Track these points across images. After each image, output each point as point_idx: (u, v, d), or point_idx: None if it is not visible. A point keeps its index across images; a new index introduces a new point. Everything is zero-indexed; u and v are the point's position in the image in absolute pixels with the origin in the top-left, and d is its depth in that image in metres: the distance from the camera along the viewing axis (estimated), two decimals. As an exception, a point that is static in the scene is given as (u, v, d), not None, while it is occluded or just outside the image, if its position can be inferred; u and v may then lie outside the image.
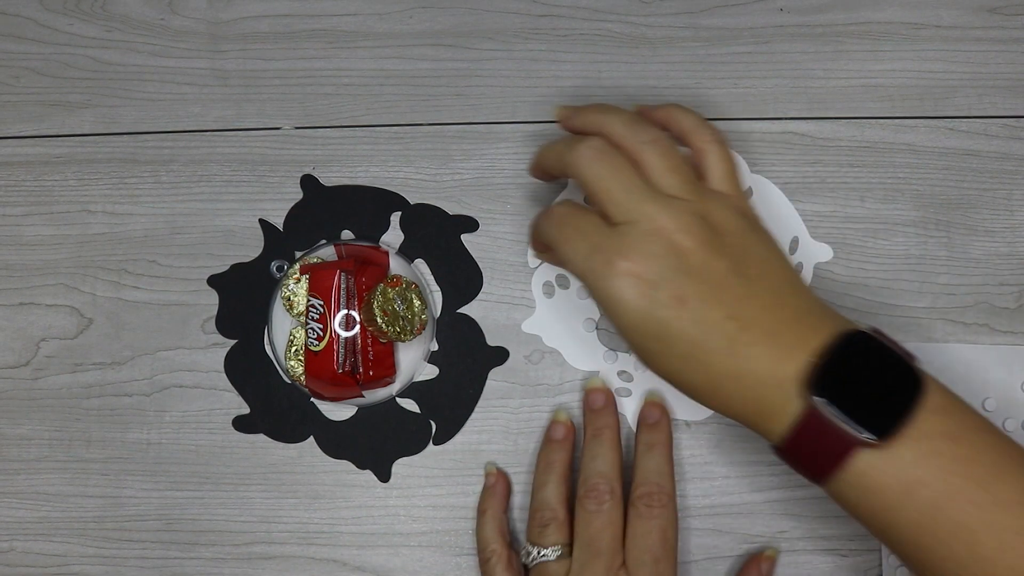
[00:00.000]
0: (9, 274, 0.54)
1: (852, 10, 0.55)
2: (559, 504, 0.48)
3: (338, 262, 0.52)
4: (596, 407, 0.50)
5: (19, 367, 0.53)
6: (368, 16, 0.56)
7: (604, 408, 0.50)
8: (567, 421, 0.51)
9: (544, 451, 0.50)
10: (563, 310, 0.53)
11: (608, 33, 0.55)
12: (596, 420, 0.50)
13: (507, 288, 0.53)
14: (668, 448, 0.49)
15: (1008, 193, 0.53)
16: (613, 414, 0.50)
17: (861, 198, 0.53)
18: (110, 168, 0.55)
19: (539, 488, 0.49)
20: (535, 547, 0.47)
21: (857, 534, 0.51)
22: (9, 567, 0.52)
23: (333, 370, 0.50)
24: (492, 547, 0.49)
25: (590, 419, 0.50)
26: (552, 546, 0.47)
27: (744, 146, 0.54)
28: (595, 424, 0.50)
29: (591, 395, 0.51)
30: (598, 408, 0.50)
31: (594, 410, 0.50)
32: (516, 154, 0.54)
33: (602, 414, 0.50)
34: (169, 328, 0.53)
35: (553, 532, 0.47)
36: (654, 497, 0.47)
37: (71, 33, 0.56)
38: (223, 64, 0.56)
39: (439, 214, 0.54)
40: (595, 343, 0.52)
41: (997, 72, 0.54)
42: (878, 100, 0.54)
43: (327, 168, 0.54)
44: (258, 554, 0.52)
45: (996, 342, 0.52)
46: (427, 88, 0.55)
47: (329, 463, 0.52)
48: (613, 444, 0.49)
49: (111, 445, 0.53)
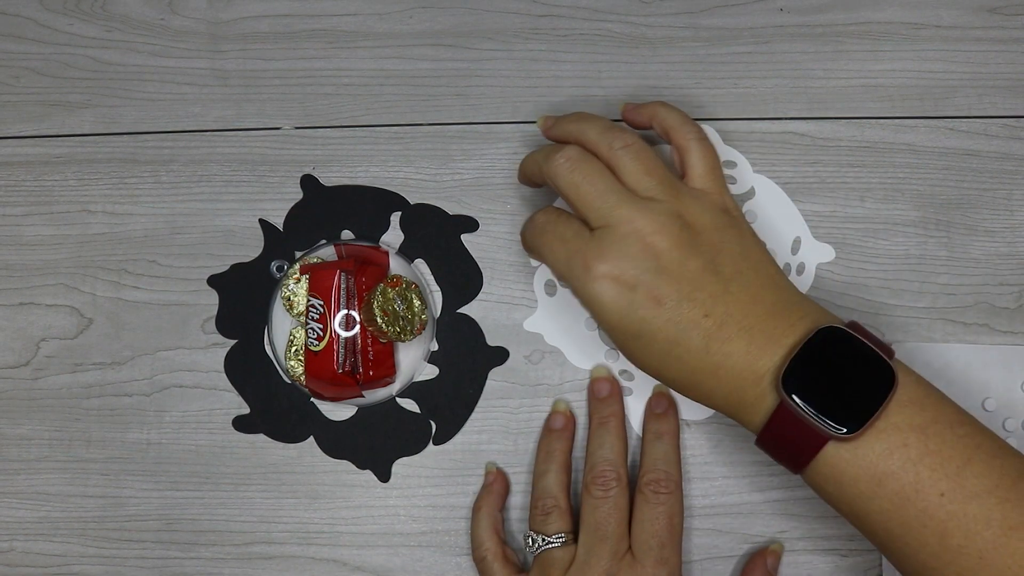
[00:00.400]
0: (9, 274, 0.54)
1: (852, 10, 0.55)
2: (560, 492, 0.49)
3: (338, 262, 0.52)
4: (601, 395, 0.51)
5: (19, 367, 0.53)
6: (368, 16, 0.56)
7: (609, 396, 0.50)
8: (567, 411, 0.51)
9: (544, 440, 0.51)
10: (565, 309, 0.53)
11: (608, 33, 0.55)
12: (602, 408, 0.50)
13: (507, 288, 0.53)
14: (675, 437, 0.50)
15: (1008, 193, 0.53)
16: (619, 402, 0.50)
17: (861, 198, 0.53)
18: (110, 168, 0.55)
19: (540, 477, 0.49)
20: (539, 535, 0.48)
21: (857, 534, 0.51)
22: (9, 567, 0.52)
23: (333, 370, 0.50)
24: (486, 545, 0.49)
25: (596, 407, 0.50)
26: (556, 534, 0.47)
27: (744, 146, 0.54)
28: (601, 412, 0.50)
29: (596, 383, 0.51)
30: (603, 396, 0.51)
31: (599, 398, 0.51)
32: (516, 154, 0.54)
33: (608, 402, 0.50)
34: (169, 328, 0.53)
35: (556, 520, 0.48)
36: (661, 483, 0.47)
37: (71, 33, 0.56)
38: (223, 64, 0.56)
39: (439, 214, 0.54)
40: (596, 342, 0.52)
41: (997, 72, 0.54)
42: (878, 100, 0.54)
43: (327, 168, 0.54)
44: (258, 554, 0.52)
45: (996, 342, 0.52)
46: (427, 88, 0.55)
47: (329, 463, 0.52)
48: (619, 432, 0.49)
49: (111, 445, 0.53)
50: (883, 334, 0.52)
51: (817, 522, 0.51)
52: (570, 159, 0.44)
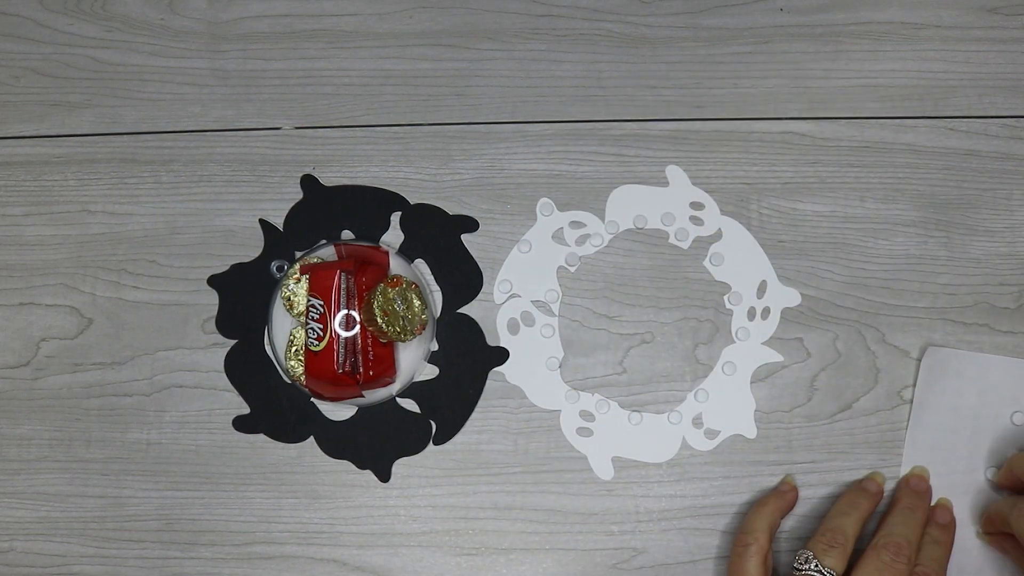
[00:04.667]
0: (9, 274, 0.54)
1: (852, 10, 0.55)
2: (853, 536, 0.48)
3: (338, 262, 0.52)
4: (917, 489, 0.52)
5: (19, 367, 0.53)
6: (368, 16, 0.56)
7: (924, 493, 0.52)
8: (882, 483, 0.52)
9: (854, 493, 0.51)
10: (527, 348, 0.53)
11: (608, 33, 0.55)
12: (914, 498, 0.51)
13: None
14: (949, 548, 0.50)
15: (1008, 193, 0.53)
16: (927, 501, 0.51)
17: (861, 198, 0.53)
18: (110, 168, 0.55)
19: (839, 515, 0.49)
20: (815, 559, 0.47)
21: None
22: (9, 567, 0.52)
23: (333, 370, 0.50)
24: (757, 535, 0.48)
25: (907, 494, 0.51)
26: (830, 568, 0.47)
27: (744, 146, 0.54)
28: (911, 500, 0.51)
29: (914, 479, 0.52)
30: (919, 490, 0.51)
31: (914, 490, 0.51)
32: (516, 154, 0.54)
33: (920, 496, 0.51)
34: (169, 328, 0.53)
35: (837, 556, 0.47)
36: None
37: (71, 33, 0.56)
38: (223, 64, 0.56)
39: (439, 214, 0.54)
40: (557, 382, 0.53)
41: (997, 72, 0.54)
42: (878, 100, 0.54)
43: (327, 168, 0.54)
44: (258, 554, 0.52)
45: (996, 342, 0.52)
46: (427, 88, 0.55)
47: (329, 463, 0.52)
48: (921, 523, 0.50)
49: (111, 445, 0.53)
50: (883, 334, 0.52)
51: (817, 522, 0.51)
52: None
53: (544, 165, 0.54)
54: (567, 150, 0.54)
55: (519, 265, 0.53)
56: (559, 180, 0.54)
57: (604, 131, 0.54)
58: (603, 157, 0.54)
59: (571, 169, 0.54)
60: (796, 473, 0.52)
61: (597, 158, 0.54)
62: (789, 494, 0.51)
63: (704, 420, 0.52)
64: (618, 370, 0.53)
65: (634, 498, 0.52)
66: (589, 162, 0.54)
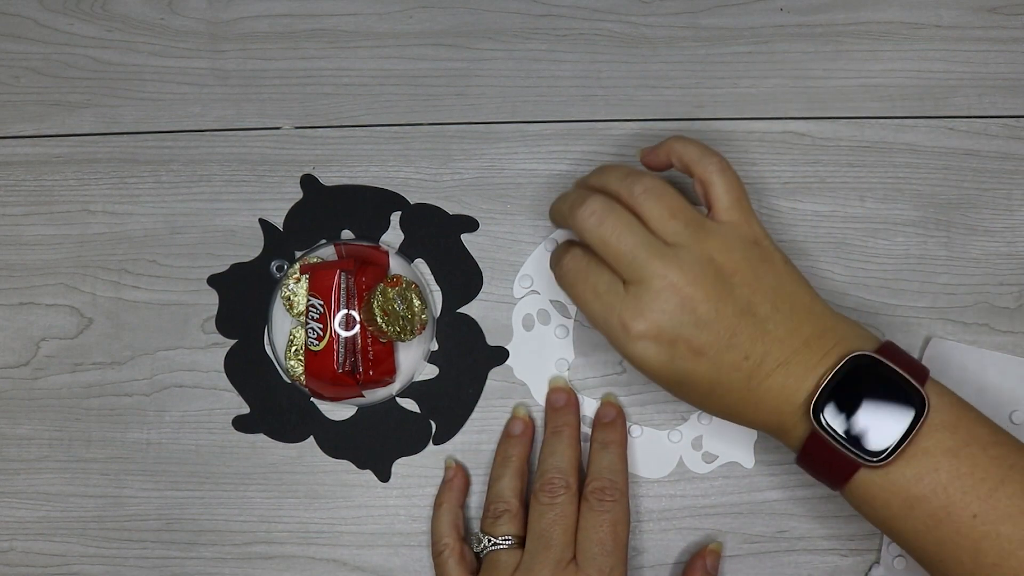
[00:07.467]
0: (9, 274, 0.54)
1: (852, 10, 0.55)
2: (513, 496, 0.49)
3: (338, 262, 0.52)
4: (558, 405, 0.51)
5: (19, 367, 0.53)
6: (368, 16, 0.56)
7: (565, 407, 0.51)
8: (526, 417, 0.52)
9: (502, 445, 0.51)
10: (539, 346, 0.53)
11: (608, 33, 0.55)
12: (557, 418, 0.51)
13: (507, 288, 0.53)
14: (622, 447, 0.50)
15: (1008, 193, 0.53)
16: (574, 413, 0.51)
17: (861, 198, 0.53)
18: (110, 168, 0.55)
19: (495, 480, 0.50)
20: (487, 536, 0.48)
21: (856, 534, 0.51)
22: (9, 567, 0.52)
23: (333, 370, 0.50)
24: (445, 540, 0.49)
25: (551, 417, 0.51)
26: (503, 536, 0.48)
27: (744, 146, 0.54)
28: (555, 421, 0.51)
29: (553, 394, 0.52)
30: (559, 407, 0.51)
31: (555, 408, 0.51)
32: (516, 154, 0.54)
33: (563, 412, 0.51)
34: (169, 328, 0.53)
35: (506, 523, 0.48)
36: (606, 492, 0.48)
37: (71, 33, 0.56)
38: (223, 64, 0.56)
39: (439, 214, 0.54)
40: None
41: (997, 72, 0.54)
42: (878, 100, 0.54)
43: (327, 168, 0.54)
44: (258, 554, 0.52)
45: (996, 342, 0.52)
46: (427, 88, 0.55)
47: (329, 463, 0.52)
48: (572, 441, 0.50)
49: (111, 445, 0.53)
50: (882, 334, 0.52)
51: (817, 522, 0.51)
52: (595, 212, 0.44)
53: (544, 165, 0.54)
54: (567, 150, 0.54)
55: (543, 263, 0.53)
56: (559, 180, 0.54)
57: (604, 131, 0.54)
58: (603, 157, 0.54)
59: (571, 169, 0.54)
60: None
61: (597, 158, 0.54)
62: (456, 479, 0.51)
63: (704, 443, 0.52)
64: (618, 370, 0.53)
65: (633, 498, 0.52)
66: (589, 162, 0.54)
